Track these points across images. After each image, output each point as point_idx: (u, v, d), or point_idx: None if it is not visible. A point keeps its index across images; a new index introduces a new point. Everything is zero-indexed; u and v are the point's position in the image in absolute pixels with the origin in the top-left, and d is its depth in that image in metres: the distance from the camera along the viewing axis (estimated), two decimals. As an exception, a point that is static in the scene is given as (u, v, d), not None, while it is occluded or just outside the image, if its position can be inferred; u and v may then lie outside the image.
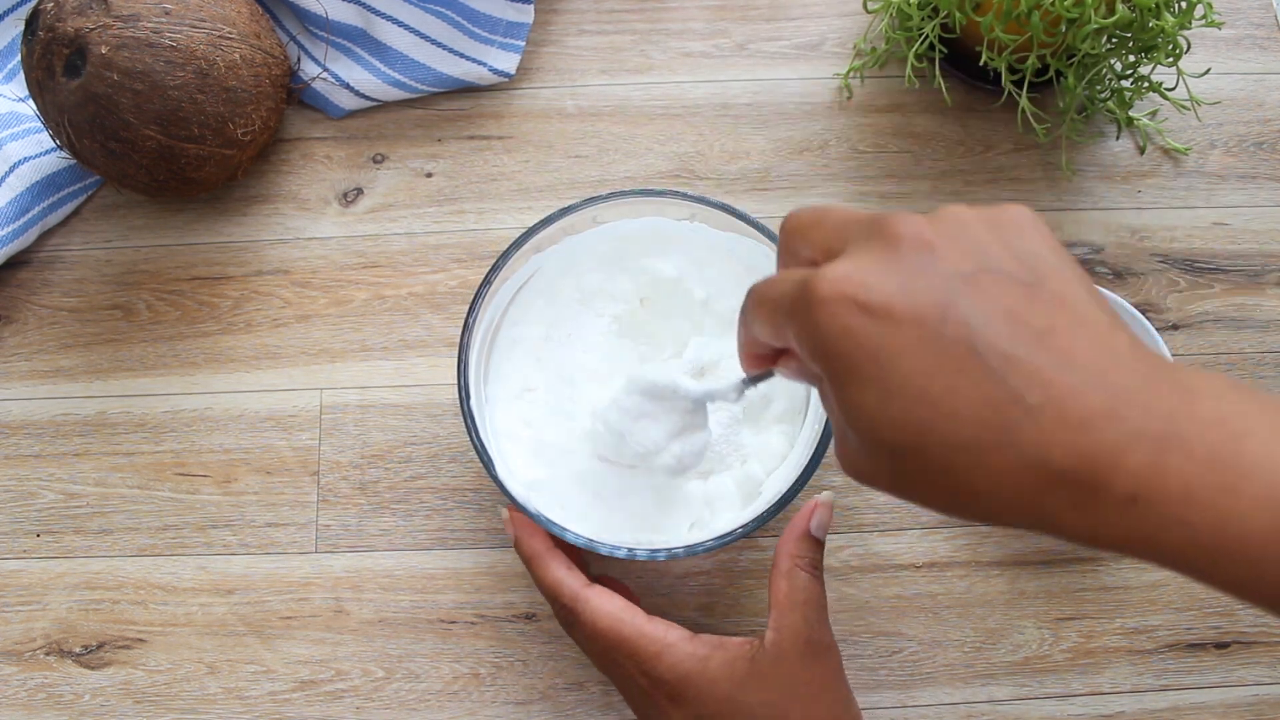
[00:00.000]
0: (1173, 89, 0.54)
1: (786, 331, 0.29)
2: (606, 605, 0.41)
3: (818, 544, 0.42)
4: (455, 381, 0.43)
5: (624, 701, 0.44)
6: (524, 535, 0.42)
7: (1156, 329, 0.50)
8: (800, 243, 0.30)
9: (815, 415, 0.45)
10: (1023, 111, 0.53)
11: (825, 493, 0.42)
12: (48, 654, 0.49)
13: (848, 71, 0.58)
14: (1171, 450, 0.23)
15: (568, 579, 0.41)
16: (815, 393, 0.46)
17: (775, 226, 0.47)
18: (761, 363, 0.34)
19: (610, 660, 0.41)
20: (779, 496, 0.42)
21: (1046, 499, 0.24)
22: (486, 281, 0.44)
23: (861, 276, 0.26)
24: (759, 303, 0.31)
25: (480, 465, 0.49)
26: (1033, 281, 0.26)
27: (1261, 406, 0.23)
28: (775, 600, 0.41)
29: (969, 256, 0.26)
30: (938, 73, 0.56)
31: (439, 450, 0.52)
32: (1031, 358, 0.24)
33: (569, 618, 0.41)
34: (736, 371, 0.45)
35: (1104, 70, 0.53)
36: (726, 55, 0.59)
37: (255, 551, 0.50)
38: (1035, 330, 0.25)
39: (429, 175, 0.56)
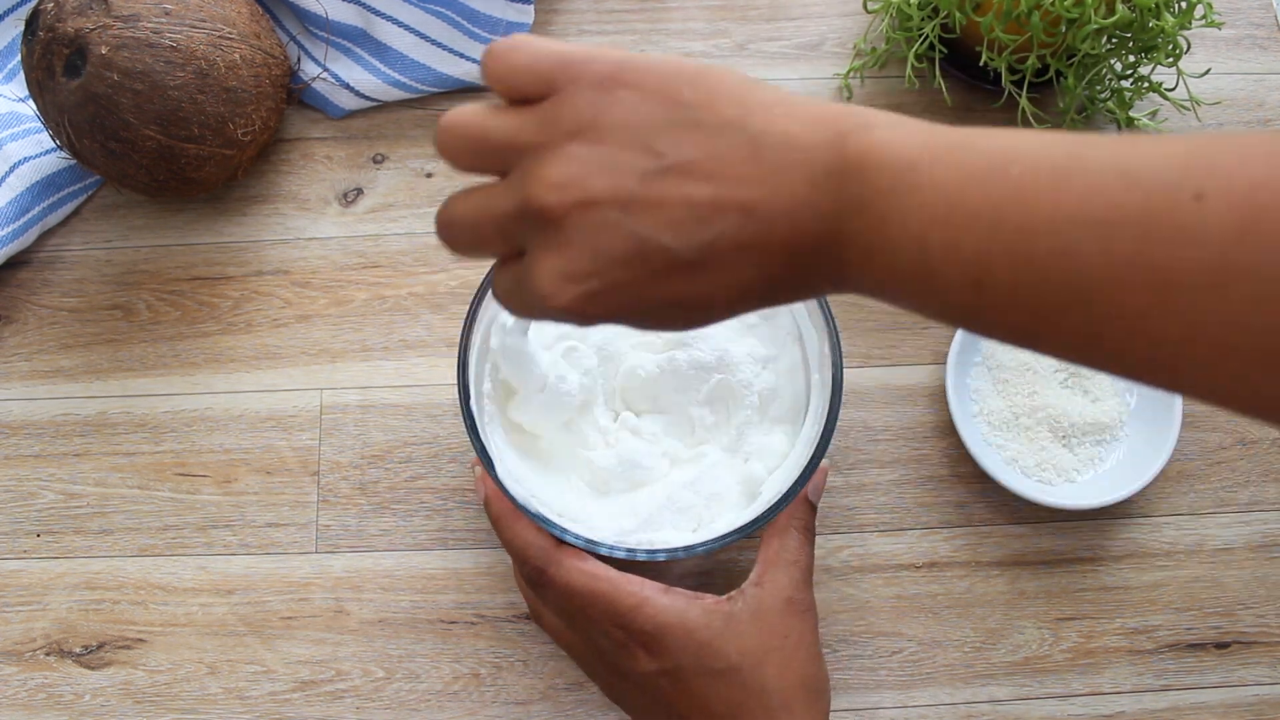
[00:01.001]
0: (1173, 89, 0.54)
1: (549, 320, 0.31)
2: (579, 563, 0.41)
3: (812, 507, 0.43)
4: (455, 381, 0.43)
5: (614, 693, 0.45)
6: (494, 495, 0.42)
7: (1156, 329, 0.50)
8: (480, 253, 0.32)
9: (816, 415, 0.45)
10: (1023, 111, 0.53)
11: (822, 460, 0.43)
12: (48, 654, 0.49)
13: (848, 71, 0.58)
14: (844, 248, 0.27)
15: (538, 539, 0.41)
16: (816, 393, 0.46)
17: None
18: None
19: (584, 617, 0.41)
20: (779, 496, 0.42)
21: (798, 295, 0.30)
22: (486, 281, 0.44)
23: (568, 275, 0.28)
24: (507, 307, 0.32)
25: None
26: (674, 160, 0.27)
27: (894, 174, 0.26)
28: (765, 556, 0.42)
29: (615, 180, 0.27)
30: (938, 73, 0.56)
31: (439, 450, 0.52)
32: (722, 231, 0.27)
33: (539, 577, 0.41)
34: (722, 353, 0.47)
35: (1104, 70, 0.53)
36: (726, 55, 0.59)
37: (255, 551, 0.50)
38: (709, 206, 0.27)
39: (429, 175, 0.56)
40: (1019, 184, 0.24)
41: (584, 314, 0.29)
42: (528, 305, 0.30)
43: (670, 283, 0.28)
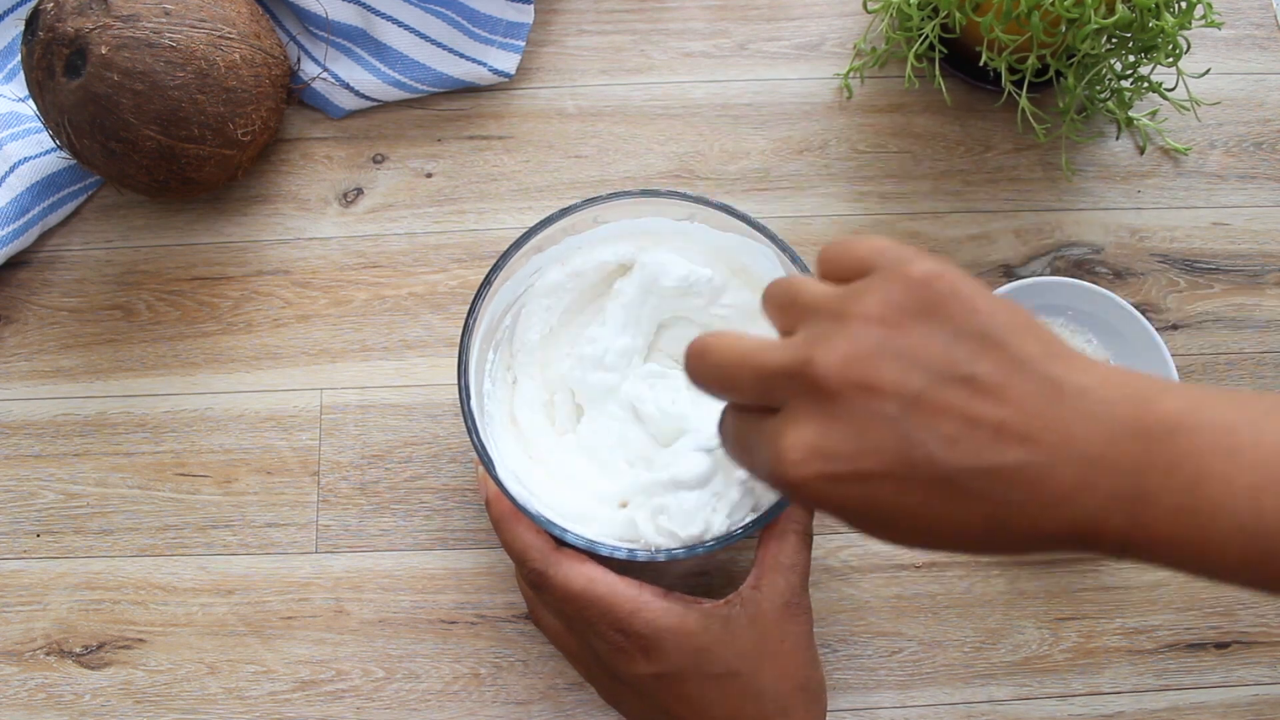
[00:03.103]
0: (1173, 89, 0.54)
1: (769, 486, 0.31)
2: (578, 566, 0.41)
3: (809, 510, 0.43)
4: (455, 381, 0.43)
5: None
6: (495, 496, 0.43)
7: (1156, 329, 0.50)
8: (722, 395, 0.31)
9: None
10: (1023, 111, 0.53)
11: None
12: (48, 654, 0.49)
13: (848, 71, 0.58)
14: (1143, 506, 0.26)
15: (537, 542, 0.42)
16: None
17: (775, 226, 0.47)
18: None
19: (583, 620, 0.41)
20: (780, 497, 0.42)
21: (1064, 550, 0.28)
22: (487, 281, 0.44)
23: (820, 450, 0.27)
24: (732, 453, 0.32)
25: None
26: (970, 374, 0.27)
27: (1214, 436, 0.26)
28: (762, 558, 0.42)
29: (906, 376, 0.27)
30: (938, 73, 0.56)
31: (439, 450, 0.52)
32: (1000, 462, 0.26)
33: (539, 580, 0.41)
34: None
35: (1104, 70, 0.53)
36: (726, 55, 0.59)
37: (255, 552, 0.50)
38: (992, 431, 0.26)
39: (429, 175, 0.56)
40: None
41: (818, 493, 0.28)
42: (758, 461, 0.30)
43: (923, 496, 0.27)
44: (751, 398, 0.30)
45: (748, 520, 0.42)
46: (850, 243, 0.30)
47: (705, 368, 0.31)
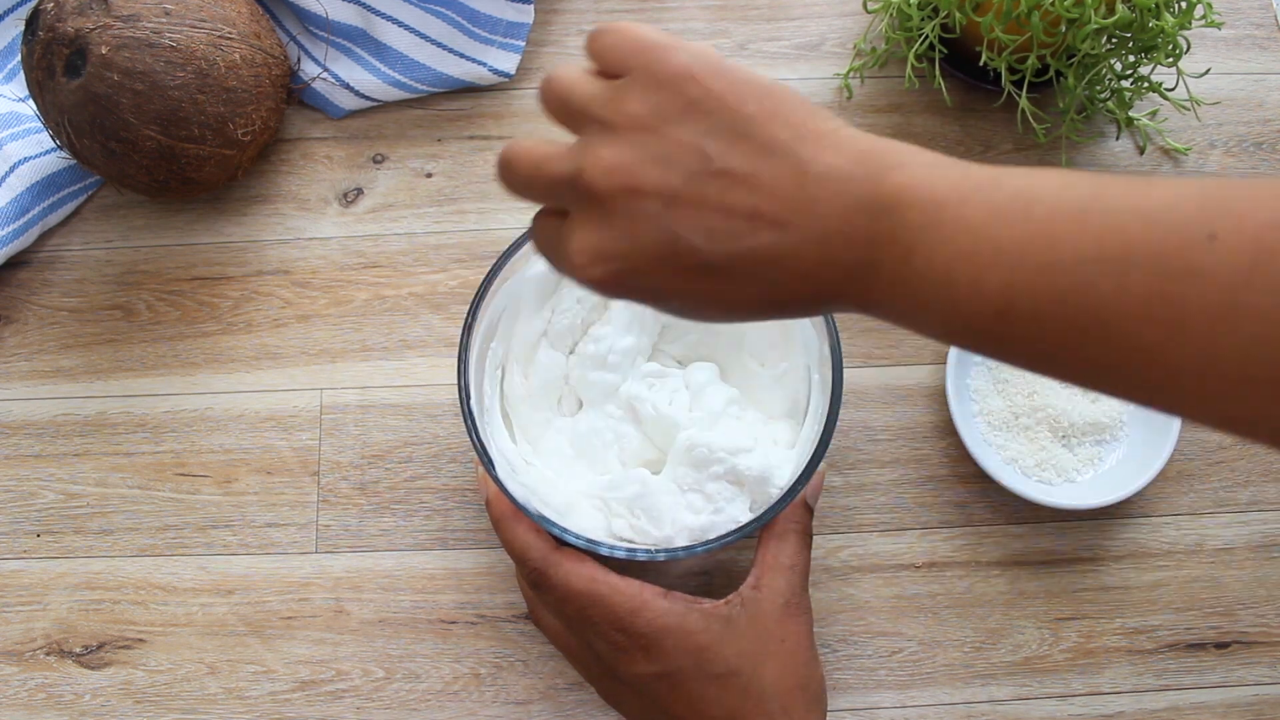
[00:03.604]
0: (1173, 89, 0.54)
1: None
2: (579, 566, 0.41)
3: (809, 510, 0.44)
4: (455, 381, 0.43)
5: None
6: (496, 496, 0.43)
7: (1156, 329, 0.50)
8: (529, 195, 0.33)
9: (815, 415, 0.45)
10: (1023, 111, 0.53)
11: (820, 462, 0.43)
12: (48, 654, 0.49)
13: (848, 71, 0.58)
14: (870, 278, 0.28)
15: (538, 541, 0.42)
16: (816, 393, 0.46)
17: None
18: None
19: (583, 620, 0.41)
20: (780, 496, 0.42)
21: (824, 311, 0.31)
22: (486, 281, 0.44)
23: (598, 251, 0.30)
24: (541, 256, 0.34)
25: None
26: (723, 167, 0.29)
27: (924, 212, 0.27)
28: (762, 559, 0.42)
29: (665, 175, 0.29)
30: (938, 73, 0.56)
31: (439, 450, 0.52)
32: (754, 245, 0.29)
33: (539, 579, 0.41)
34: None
35: (1104, 70, 0.53)
36: (727, 55, 0.59)
37: (255, 551, 0.50)
38: (745, 218, 0.29)
39: (429, 175, 0.56)
40: (1042, 223, 0.26)
41: (606, 289, 0.31)
42: (559, 263, 0.32)
43: (694, 281, 0.30)
44: (547, 203, 0.33)
45: (747, 520, 0.42)
46: (612, 33, 0.32)
47: (510, 177, 0.33)
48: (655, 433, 0.47)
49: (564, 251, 0.31)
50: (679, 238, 0.29)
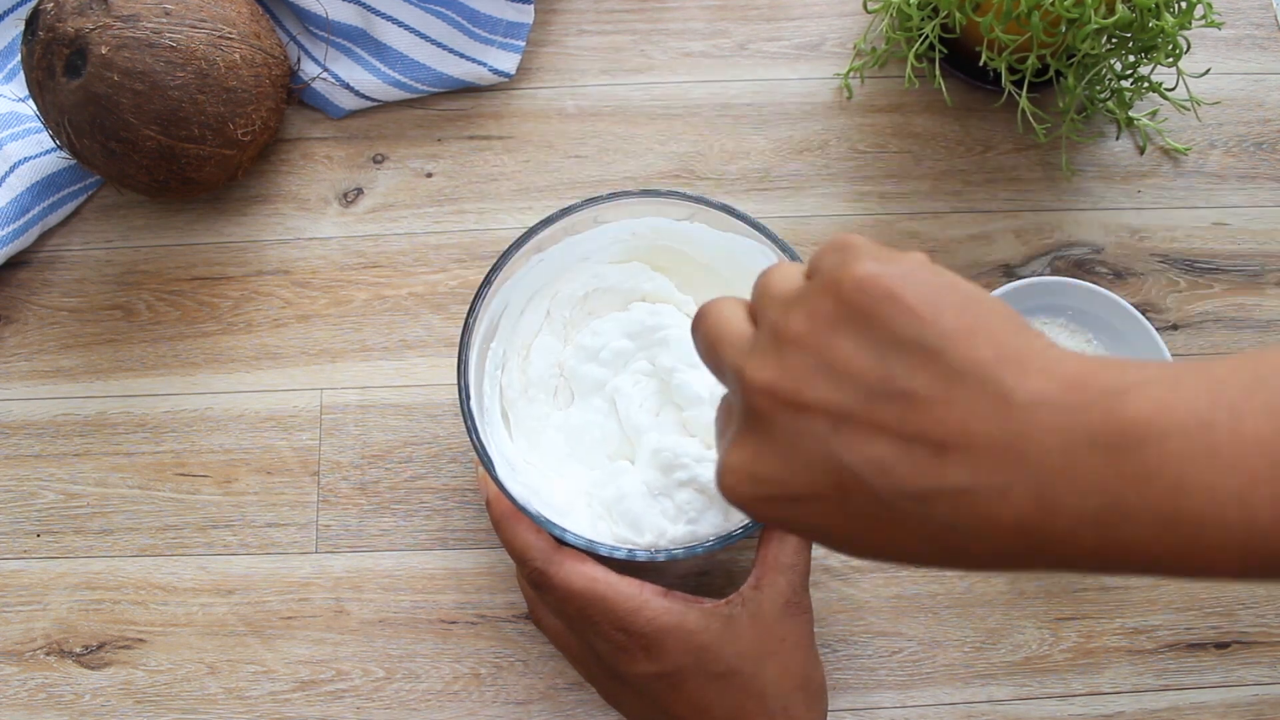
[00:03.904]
0: (1173, 89, 0.54)
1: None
2: (579, 565, 0.41)
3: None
4: (455, 381, 0.43)
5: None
6: (496, 496, 0.43)
7: (1156, 329, 0.50)
8: (710, 368, 0.31)
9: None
10: (1023, 111, 0.53)
11: None
12: (48, 654, 0.49)
13: (848, 71, 0.58)
14: (1118, 524, 0.23)
15: (538, 541, 0.42)
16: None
17: (775, 226, 0.47)
18: None
19: (584, 619, 0.41)
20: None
21: (1021, 569, 0.25)
22: (486, 281, 0.44)
23: (750, 473, 0.27)
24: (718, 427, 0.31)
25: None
26: (905, 388, 0.24)
27: (1187, 440, 0.23)
28: (763, 559, 0.42)
29: (835, 395, 0.25)
30: (938, 73, 0.56)
31: (439, 450, 0.52)
32: (942, 485, 0.24)
33: (540, 579, 0.41)
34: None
35: (1104, 70, 0.53)
36: (726, 55, 0.59)
37: (255, 551, 0.50)
38: (931, 450, 0.24)
39: (429, 175, 0.56)
40: None
41: (756, 513, 0.27)
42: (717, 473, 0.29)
43: (855, 521, 0.25)
44: (720, 379, 0.30)
45: (749, 520, 0.42)
46: (830, 241, 0.28)
47: (695, 336, 0.31)
48: (629, 432, 0.47)
49: (719, 463, 0.28)
50: (846, 467, 0.25)
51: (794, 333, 0.26)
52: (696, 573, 0.50)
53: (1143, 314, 0.50)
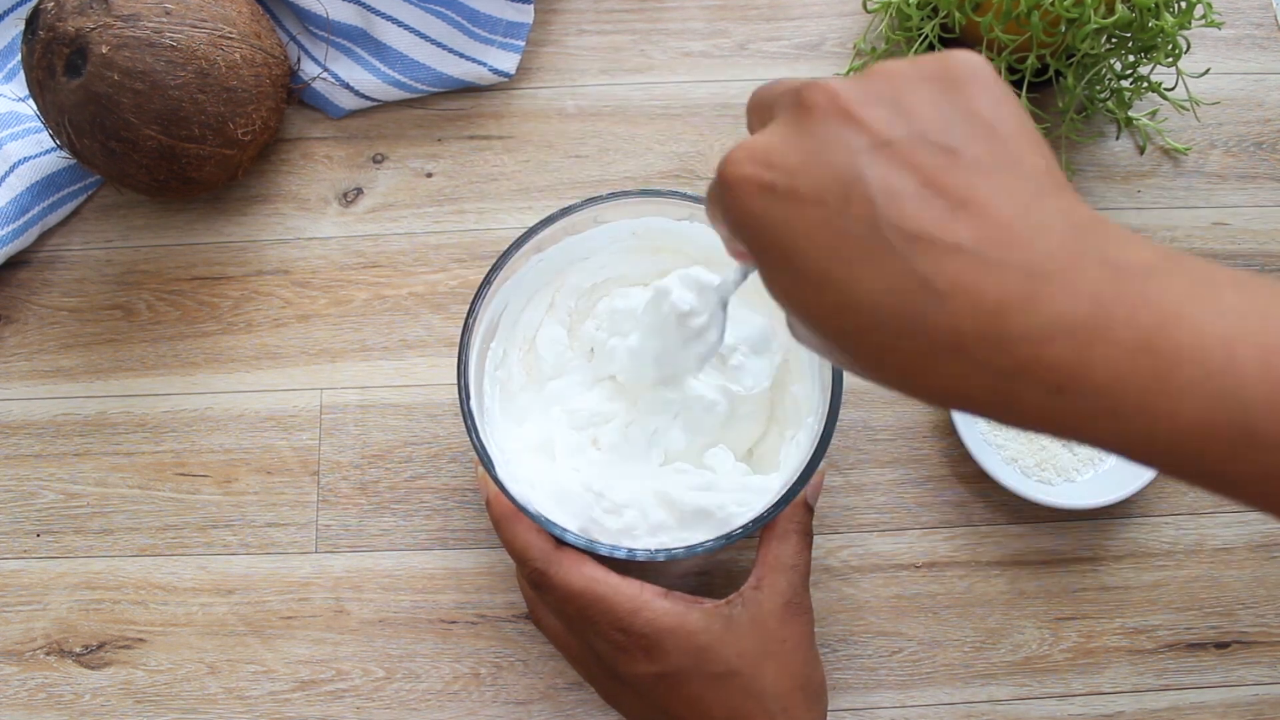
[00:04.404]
0: (1172, 89, 0.54)
1: (719, 222, 0.28)
2: (579, 565, 0.41)
3: (809, 511, 0.43)
4: (455, 381, 0.43)
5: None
6: (496, 496, 0.43)
7: (1156, 329, 0.50)
8: (753, 120, 0.29)
9: (816, 415, 0.45)
10: (1023, 111, 0.53)
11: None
12: (48, 654, 0.49)
13: (848, 71, 0.58)
14: (1097, 338, 0.22)
15: (538, 541, 0.42)
16: (817, 392, 0.46)
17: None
18: (740, 254, 0.32)
19: (583, 620, 0.41)
20: (779, 496, 0.42)
21: (968, 384, 0.23)
22: (486, 281, 0.44)
23: (766, 154, 0.25)
24: (709, 190, 0.29)
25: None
26: (958, 145, 0.24)
27: (1193, 282, 0.22)
28: (764, 559, 0.42)
29: (891, 123, 0.24)
30: (938, 73, 0.56)
31: (439, 450, 0.52)
32: (942, 234, 0.23)
33: (539, 579, 0.41)
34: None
35: (1103, 70, 0.53)
36: (726, 55, 0.59)
37: (255, 551, 0.50)
38: (950, 203, 0.23)
39: (429, 175, 0.56)
40: None
41: (737, 199, 0.25)
42: (718, 170, 0.27)
43: (838, 239, 0.24)
44: (759, 119, 0.29)
45: (748, 520, 0.42)
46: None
47: (752, 99, 0.30)
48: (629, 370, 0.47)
49: (730, 153, 0.26)
50: (861, 180, 0.24)
51: (889, 69, 0.26)
52: (696, 573, 0.50)
53: (1143, 314, 0.50)
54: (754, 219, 0.25)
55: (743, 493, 0.44)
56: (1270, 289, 0.22)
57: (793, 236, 0.24)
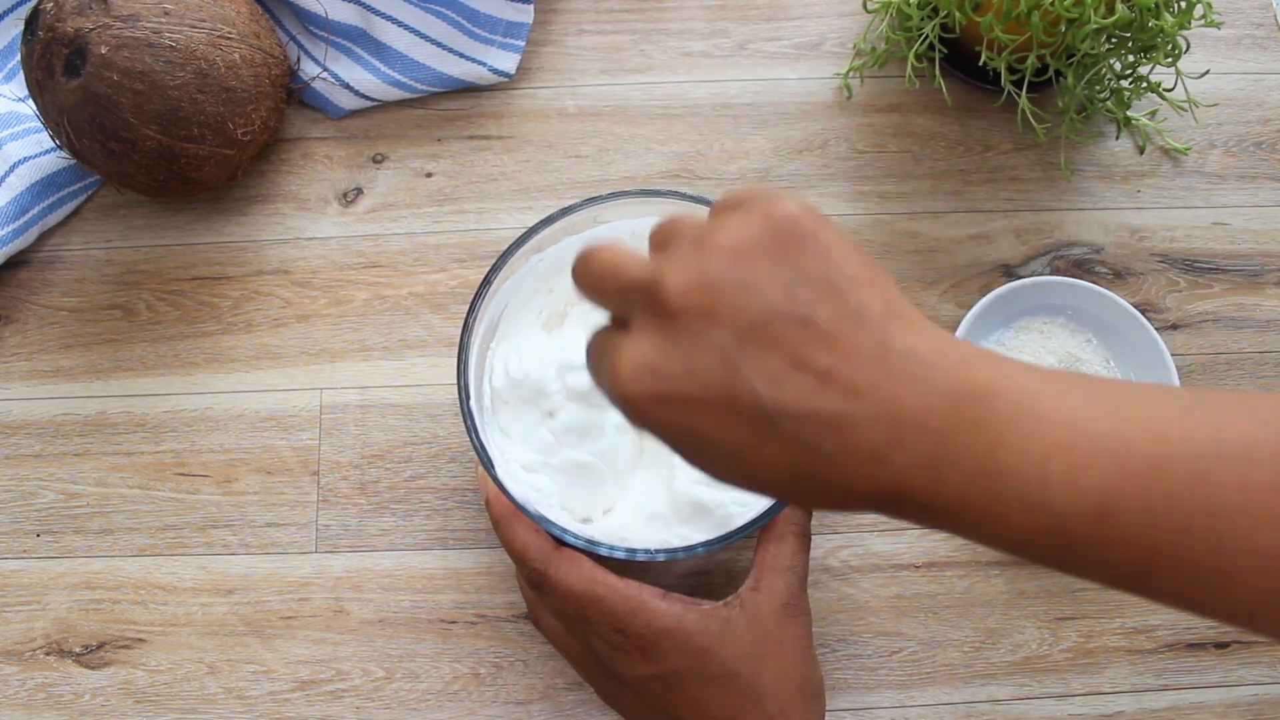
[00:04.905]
0: (1171, 89, 0.54)
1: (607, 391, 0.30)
2: (578, 566, 0.41)
3: (808, 512, 0.43)
4: (455, 381, 0.43)
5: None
6: (495, 496, 0.43)
7: (1156, 329, 0.50)
8: (598, 298, 0.31)
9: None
10: (1022, 111, 0.53)
11: None
12: (48, 654, 0.49)
13: (848, 71, 0.58)
14: (946, 468, 0.26)
15: (537, 541, 0.42)
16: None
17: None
18: None
19: (582, 620, 0.41)
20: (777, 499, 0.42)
21: (871, 509, 0.28)
22: (486, 281, 0.44)
23: (651, 367, 0.28)
24: (589, 368, 0.32)
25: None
26: (808, 314, 0.27)
27: (1018, 404, 0.26)
28: (761, 560, 0.42)
29: (743, 309, 0.27)
30: (938, 73, 0.56)
31: (439, 450, 0.52)
32: (819, 408, 0.26)
33: (538, 580, 0.41)
34: None
35: (1103, 70, 0.53)
36: (726, 55, 0.59)
37: (255, 551, 0.50)
38: (816, 376, 0.26)
39: (429, 175, 0.56)
40: (1146, 417, 0.25)
41: (641, 409, 0.28)
42: (600, 372, 0.30)
43: (738, 429, 0.27)
44: (613, 308, 0.31)
45: (748, 519, 0.42)
46: (739, 189, 0.30)
47: (584, 273, 0.31)
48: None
49: (612, 360, 0.29)
50: (741, 378, 0.26)
51: (718, 244, 0.28)
52: (696, 573, 0.50)
53: (1142, 314, 0.50)
54: (660, 426, 0.28)
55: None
56: (1084, 395, 0.26)
57: (699, 433, 0.28)
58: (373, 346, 0.53)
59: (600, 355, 0.30)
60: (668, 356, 0.28)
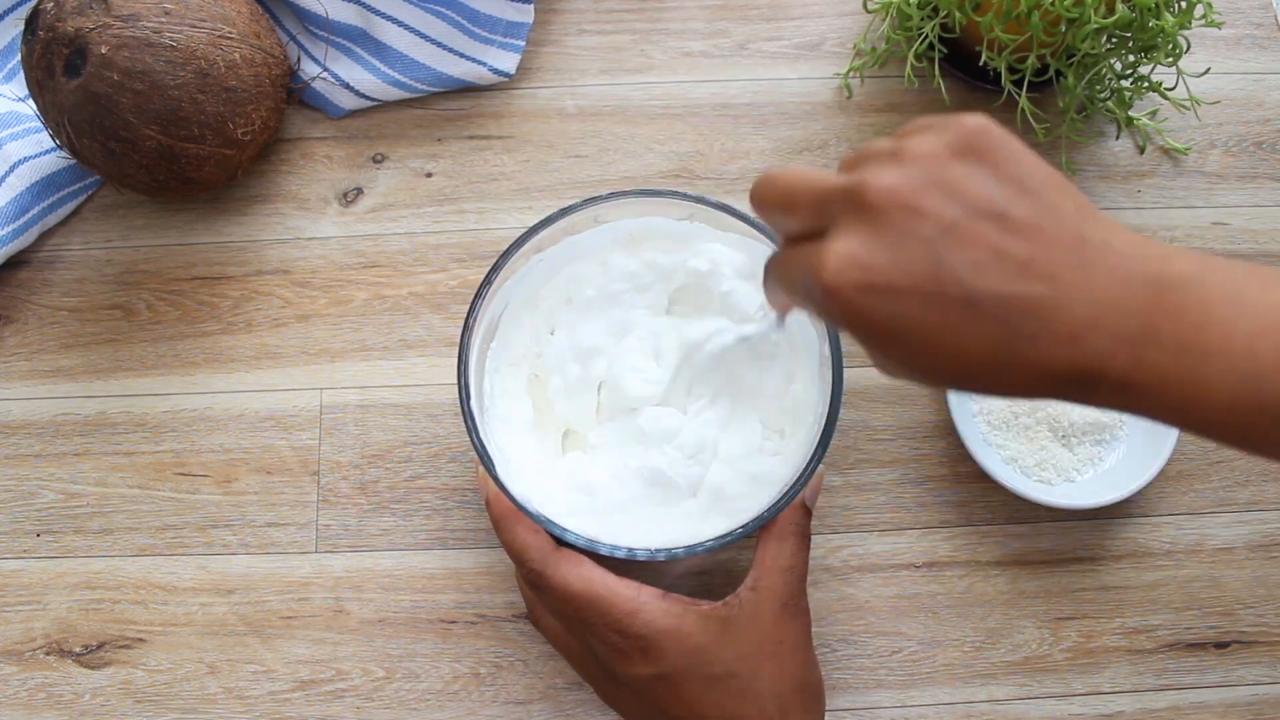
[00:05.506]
0: (1172, 89, 0.54)
1: (807, 307, 0.32)
2: (577, 567, 0.41)
3: (807, 512, 0.43)
4: (455, 381, 0.43)
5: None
6: (495, 496, 0.43)
7: (1156, 329, 0.50)
8: (780, 218, 0.33)
9: (815, 415, 0.45)
10: (1022, 111, 0.53)
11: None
12: (48, 654, 0.49)
13: (848, 71, 0.58)
14: (1147, 346, 0.28)
15: (537, 541, 0.42)
16: (817, 389, 0.46)
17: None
18: (782, 306, 0.38)
19: (581, 621, 0.41)
20: (778, 497, 0.42)
21: (1060, 392, 0.30)
22: (486, 281, 0.44)
23: (857, 260, 0.29)
24: (776, 281, 0.34)
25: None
26: (1006, 210, 0.29)
27: (1222, 289, 0.28)
28: (760, 560, 0.42)
29: (945, 205, 0.29)
30: (938, 73, 0.56)
31: (439, 450, 0.52)
32: (1021, 291, 0.28)
33: (538, 580, 0.41)
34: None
35: (1104, 70, 0.53)
36: (726, 55, 0.59)
37: (255, 551, 0.50)
38: (1018, 264, 0.28)
39: (429, 175, 0.56)
40: None
41: (849, 303, 0.29)
42: (798, 276, 0.31)
43: (945, 314, 0.28)
44: (806, 218, 0.32)
45: (748, 519, 0.42)
46: (923, 117, 0.32)
47: (771, 189, 0.32)
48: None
49: (812, 262, 0.30)
50: (946, 264, 0.28)
51: (917, 153, 0.30)
52: (696, 572, 0.50)
53: (1143, 314, 0.50)
54: (862, 314, 0.29)
55: (749, 483, 0.45)
56: None
57: (901, 320, 0.29)
58: (373, 346, 0.53)
59: (793, 263, 0.31)
60: (873, 249, 0.29)
